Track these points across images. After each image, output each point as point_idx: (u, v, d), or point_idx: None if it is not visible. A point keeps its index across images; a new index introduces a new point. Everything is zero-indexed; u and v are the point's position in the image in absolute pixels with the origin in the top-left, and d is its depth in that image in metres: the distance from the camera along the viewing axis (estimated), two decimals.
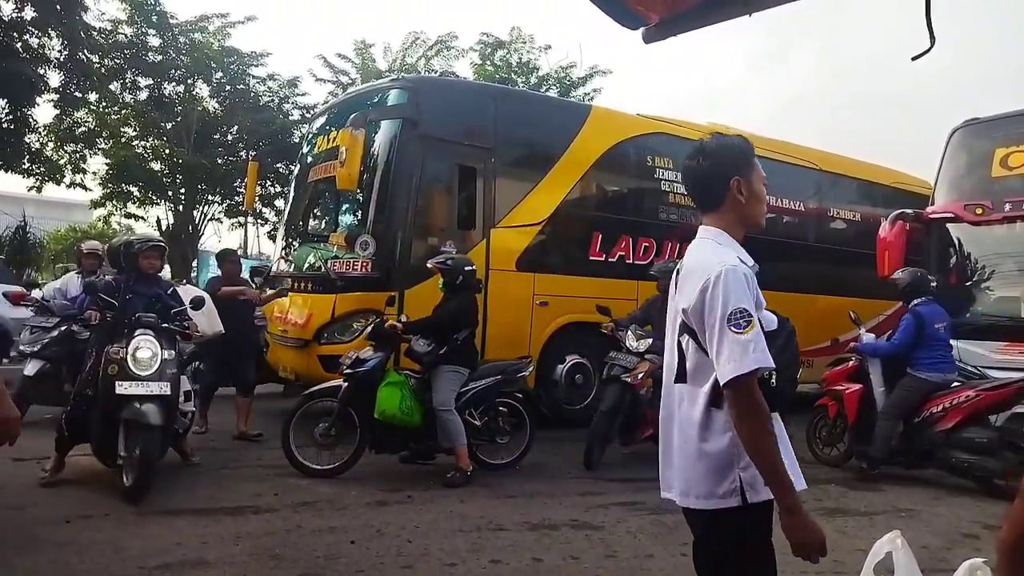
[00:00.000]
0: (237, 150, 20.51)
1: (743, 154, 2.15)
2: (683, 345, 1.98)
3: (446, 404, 5.67)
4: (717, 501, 1.88)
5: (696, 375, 1.92)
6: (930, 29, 1.94)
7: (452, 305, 5.93)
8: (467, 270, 5.99)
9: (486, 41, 20.62)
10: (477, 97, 8.74)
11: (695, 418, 1.91)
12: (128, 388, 4.79)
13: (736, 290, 1.85)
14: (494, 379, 6.05)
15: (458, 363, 5.82)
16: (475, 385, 5.96)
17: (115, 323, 5.14)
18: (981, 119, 8.12)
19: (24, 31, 14.39)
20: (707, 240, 2.08)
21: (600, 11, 2.26)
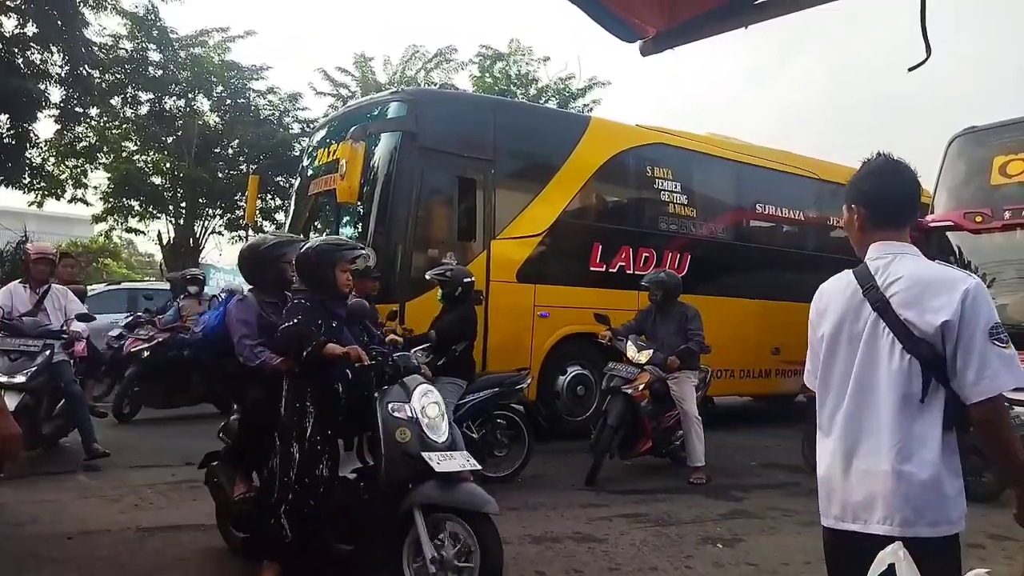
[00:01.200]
0: (238, 164, 20.55)
1: None
2: (898, 363, 1.81)
3: None
4: (948, 527, 1.78)
5: (927, 395, 1.78)
6: (926, 40, 1.96)
7: (452, 317, 5.93)
8: (466, 282, 5.99)
9: (485, 53, 20.72)
10: (476, 109, 8.77)
11: (928, 441, 1.77)
12: (439, 463, 3.39)
13: (991, 304, 1.79)
14: (492, 391, 6.01)
15: (456, 375, 5.80)
16: (472, 398, 5.92)
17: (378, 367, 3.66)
18: (979, 127, 8.13)
19: (26, 47, 14.46)
20: (915, 256, 1.94)
21: (597, 25, 2.27)
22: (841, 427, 1.90)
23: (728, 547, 4.67)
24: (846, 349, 1.92)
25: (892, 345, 1.83)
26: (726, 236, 9.67)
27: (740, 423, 10.32)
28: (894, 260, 1.92)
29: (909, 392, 1.79)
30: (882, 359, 1.84)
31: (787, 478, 6.88)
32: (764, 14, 2.15)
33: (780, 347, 9.53)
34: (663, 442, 6.67)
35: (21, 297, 6.06)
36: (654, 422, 6.50)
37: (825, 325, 1.99)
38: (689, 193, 9.22)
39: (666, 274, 6.99)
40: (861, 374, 1.87)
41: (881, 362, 1.84)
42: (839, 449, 1.89)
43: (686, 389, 6.44)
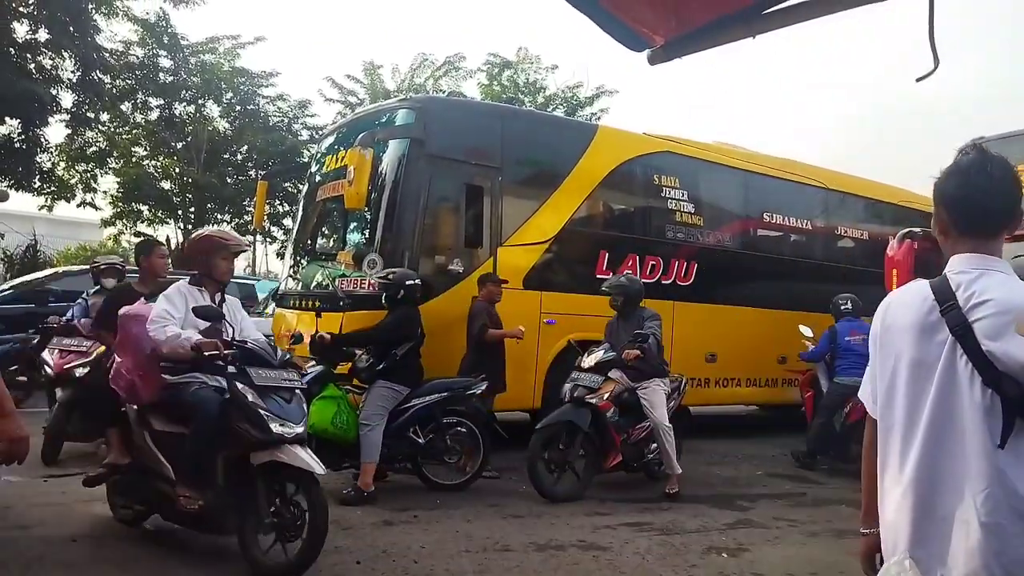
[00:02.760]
0: (246, 169, 20.69)
1: None
2: (980, 398, 1.55)
3: (368, 420, 5.59)
4: None
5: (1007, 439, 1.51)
6: (934, 51, 1.95)
7: (390, 319, 5.92)
8: (408, 284, 5.98)
9: (493, 61, 20.83)
10: (484, 117, 8.79)
11: (1021, 488, 1.50)
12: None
13: None
14: (440, 396, 5.95)
15: (395, 380, 5.75)
16: (419, 402, 5.87)
17: None
18: (988, 138, 8.10)
19: (38, 52, 14.59)
20: (1006, 274, 1.64)
21: (605, 34, 2.27)
22: (915, 468, 1.63)
23: (733, 557, 4.65)
24: (915, 375, 1.65)
25: (972, 377, 1.56)
26: (733, 245, 9.65)
27: (746, 432, 10.28)
28: (980, 276, 1.62)
29: (997, 432, 1.53)
30: (962, 392, 1.58)
31: (793, 488, 6.85)
32: (773, 23, 2.15)
33: (787, 356, 9.50)
34: (635, 455, 6.35)
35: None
36: (623, 434, 6.17)
37: (891, 344, 1.72)
38: (696, 201, 9.21)
39: (627, 278, 6.76)
40: (937, 407, 1.61)
41: (961, 396, 1.58)
42: (912, 493, 1.63)
43: (655, 397, 6.10)
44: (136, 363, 4.15)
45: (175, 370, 4.13)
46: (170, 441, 4.13)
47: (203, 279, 4.45)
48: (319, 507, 3.83)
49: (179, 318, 4.18)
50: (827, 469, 7.67)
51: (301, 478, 3.90)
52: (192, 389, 4.10)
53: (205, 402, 4.02)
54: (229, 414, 3.94)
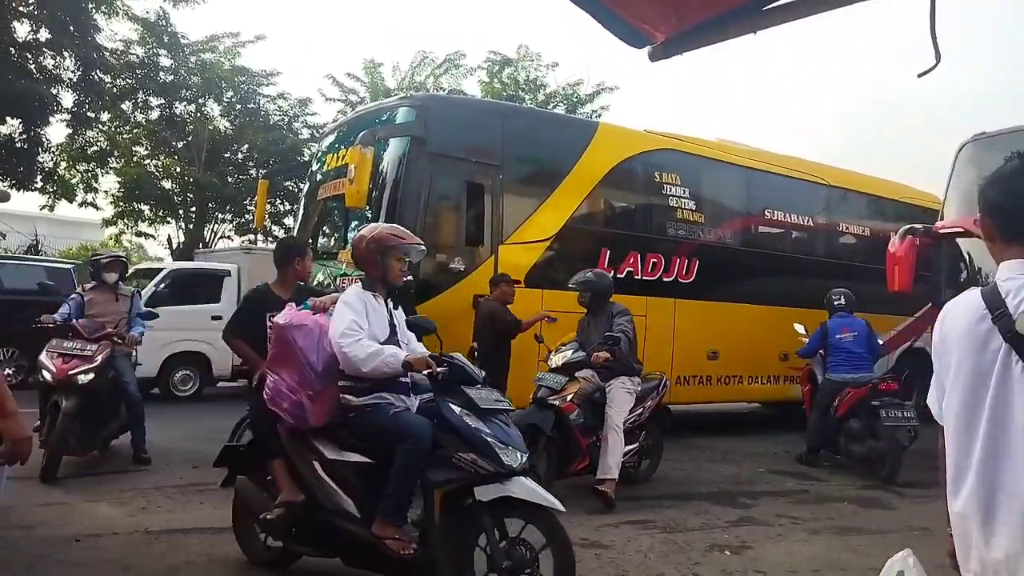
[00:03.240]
0: (247, 168, 20.67)
1: None
2: None
3: None
4: None
5: None
6: (935, 46, 1.94)
7: None
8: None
9: (494, 59, 20.79)
10: (485, 115, 8.78)
11: None
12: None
13: None
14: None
15: None
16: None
17: None
18: (990, 133, 8.09)
19: (39, 52, 14.59)
20: None
21: (606, 30, 2.27)
22: (977, 473, 1.64)
23: (736, 554, 4.64)
24: (972, 383, 1.66)
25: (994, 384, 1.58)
26: (734, 242, 9.65)
27: (748, 429, 10.28)
28: None
29: None
30: (1017, 399, 1.58)
31: (796, 485, 6.84)
32: (774, 19, 2.14)
33: (788, 353, 9.49)
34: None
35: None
36: (591, 437, 5.83)
37: (948, 354, 1.72)
38: (697, 199, 9.20)
39: (594, 273, 6.43)
40: (995, 414, 1.61)
41: (1016, 402, 1.58)
42: (976, 498, 1.65)
43: (616, 395, 5.80)
44: (303, 381, 3.60)
45: (354, 389, 3.57)
46: (345, 472, 3.58)
47: (376, 282, 3.84)
48: (563, 543, 3.33)
49: (367, 330, 3.60)
50: (829, 466, 7.68)
51: (534, 514, 3.37)
52: (391, 413, 3.52)
53: (416, 428, 3.44)
54: (443, 442, 3.41)
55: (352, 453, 3.57)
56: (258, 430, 4.07)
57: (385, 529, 3.39)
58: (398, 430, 3.46)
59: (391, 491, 3.40)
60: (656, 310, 8.50)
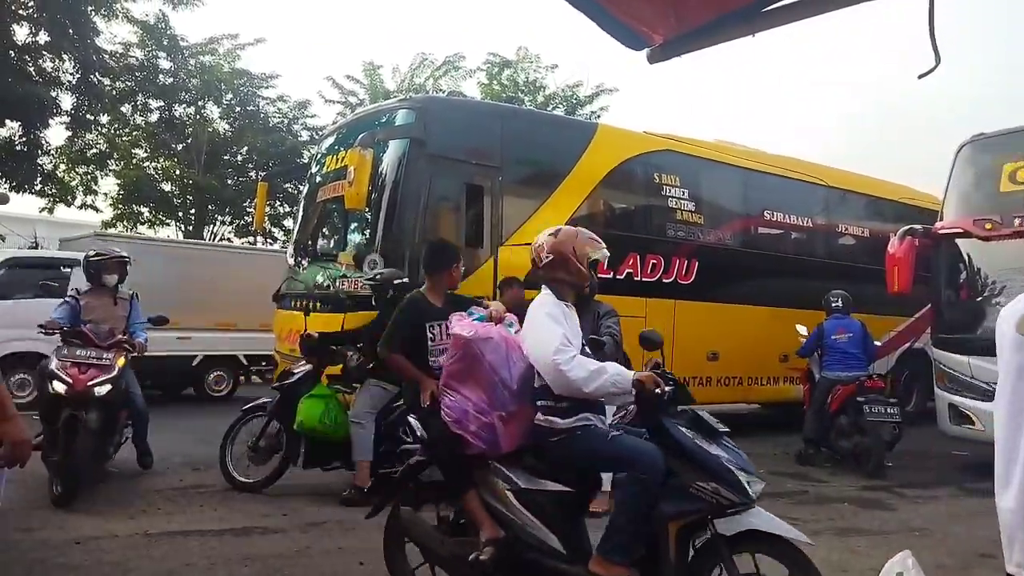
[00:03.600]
0: (247, 171, 20.67)
1: None
2: None
3: (358, 417, 5.57)
4: None
5: None
6: (935, 47, 1.94)
7: (381, 319, 5.85)
8: (397, 283, 5.95)
9: (493, 61, 20.81)
10: (484, 116, 8.79)
11: None
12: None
13: None
14: None
15: (385, 378, 5.68)
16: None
17: None
18: (989, 134, 8.10)
19: (38, 55, 14.59)
20: None
21: (605, 32, 2.27)
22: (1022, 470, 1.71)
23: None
24: (1018, 381, 1.74)
25: None
26: (734, 243, 9.65)
27: (747, 431, 10.27)
28: None
29: None
30: None
31: (795, 486, 6.85)
32: (772, 21, 2.14)
33: (788, 354, 9.50)
34: None
35: None
36: None
37: (1000, 353, 1.81)
38: (697, 200, 9.21)
39: None
40: None
41: None
42: (1020, 495, 1.71)
43: None
44: (494, 401, 3.23)
45: (557, 410, 3.17)
46: (542, 503, 3.21)
47: (566, 290, 3.47)
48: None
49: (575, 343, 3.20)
50: (829, 467, 7.68)
51: (776, 547, 3.05)
52: (610, 437, 3.15)
53: (647, 455, 3.05)
54: (674, 469, 3.05)
55: (547, 481, 3.21)
56: (446, 459, 3.44)
57: (609, 568, 3.02)
58: (626, 457, 3.08)
59: (618, 526, 3.06)
60: (656, 311, 8.50)
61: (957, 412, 7.62)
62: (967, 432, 7.60)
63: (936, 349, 8.00)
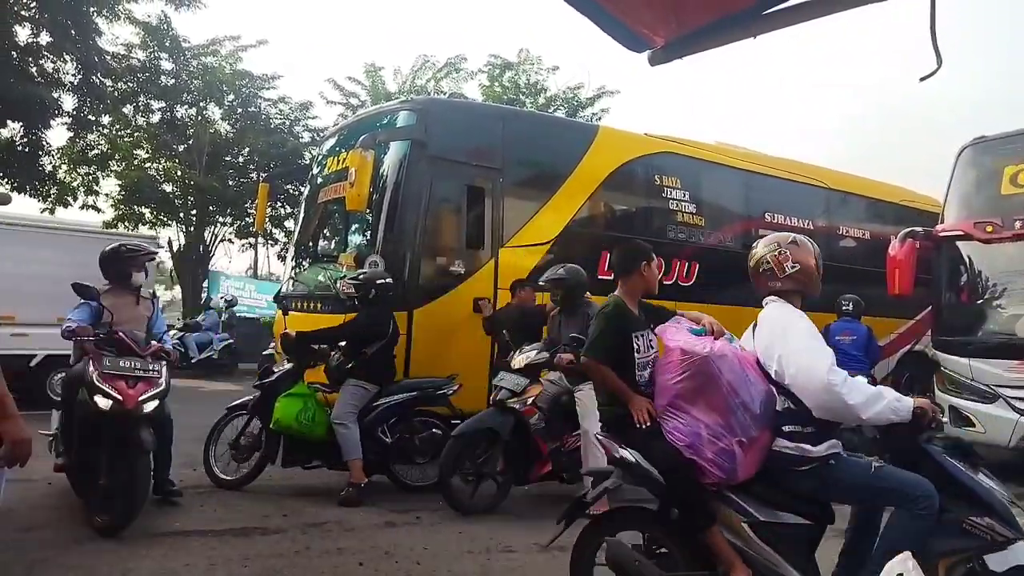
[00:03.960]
0: (248, 172, 20.71)
1: None
2: None
3: (340, 418, 5.62)
4: None
5: None
6: (936, 51, 1.95)
7: (359, 317, 5.95)
8: (379, 283, 6.03)
9: (494, 63, 20.84)
10: (485, 118, 8.79)
11: None
12: None
13: None
14: (408, 395, 5.94)
15: (365, 378, 5.75)
16: (386, 401, 5.85)
17: None
18: (990, 137, 8.11)
19: (40, 55, 14.61)
20: None
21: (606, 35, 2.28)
22: None
23: None
24: None
25: None
26: (735, 245, 9.64)
27: None
28: None
29: None
30: None
31: None
32: (773, 24, 2.15)
33: None
34: (567, 466, 5.64)
35: None
36: (555, 442, 5.60)
37: None
38: (697, 202, 9.21)
39: (566, 270, 6.04)
40: None
41: None
42: None
43: (588, 402, 5.10)
44: (733, 425, 2.96)
45: (808, 436, 2.98)
46: (783, 536, 2.99)
47: (794, 299, 3.35)
48: None
49: None
50: None
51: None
52: (873, 468, 2.94)
53: (923, 487, 2.84)
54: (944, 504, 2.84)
55: (786, 513, 2.99)
56: (686, 488, 3.07)
57: None
58: (898, 490, 2.87)
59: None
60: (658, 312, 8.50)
61: (958, 414, 7.61)
62: (967, 434, 7.60)
63: (937, 351, 7.99)
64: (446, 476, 5.41)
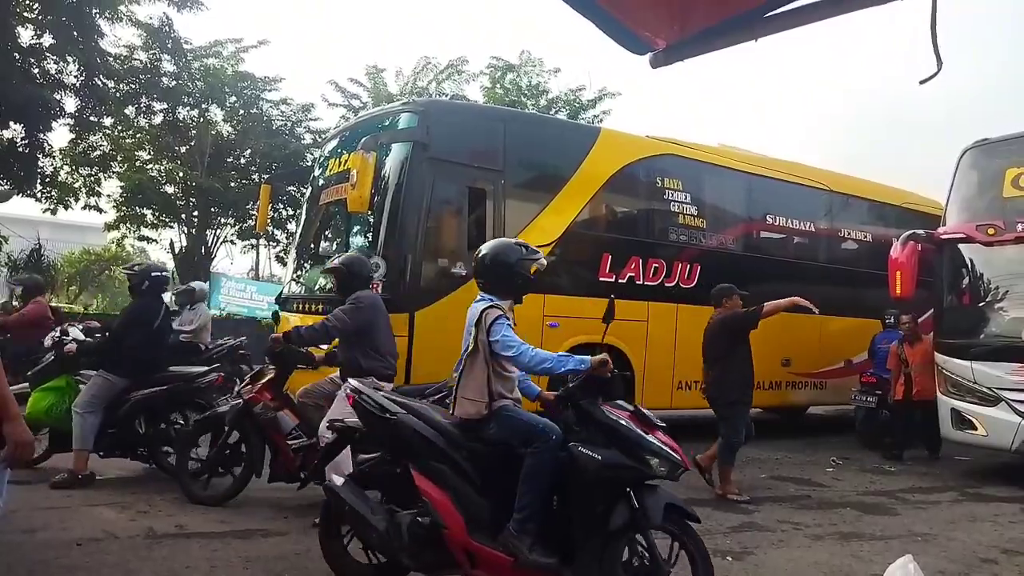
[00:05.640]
0: (250, 173, 20.72)
1: None
2: None
3: (80, 407, 5.62)
4: None
5: None
6: (936, 53, 1.95)
7: (126, 309, 6.00)
8: (154, 275, 6.01)
9: (496, 65, 20.85)
10: (487, 120, 8.80)
11: None
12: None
13: None
14: (159, 388, 5.88)
15: (112, 370, 5.73)
16: (138, 394, 5.81)
17: None
18: (991, 139, 8.10)
19: (42, 57, 14.64)
20: None
21: (608, 37, 2.28)
22: None
23: (738, 560, 4.63)
24: None
25: None
26: (736, 247, 9.64)
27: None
28: None
29: None
30: None
31: (798, 491, 6.84)
32: (775, 27, 2.15)
33: (790, 359, 9.49)
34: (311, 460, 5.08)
35: None
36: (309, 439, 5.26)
37: None
38: (699, 204, 9.21)
39: (342, 261, 5.52)
40: None
41: None
42: None
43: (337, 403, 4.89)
44: None
45: None
46: None
47: None
48: None
49: None
50: (831, 471, 7.67)
51: None
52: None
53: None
54: None
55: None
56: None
57: None
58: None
59: None
60: (658, 315, 8.50)
61: (960, 417, 7.61)
62: (969, 437, 7.60)
63: (938, 354, 7.98)
64: (180, 465, 5.52)
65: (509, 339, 3.55)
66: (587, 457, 3.36)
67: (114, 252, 27.81)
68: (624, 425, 3.44)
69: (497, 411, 3.56)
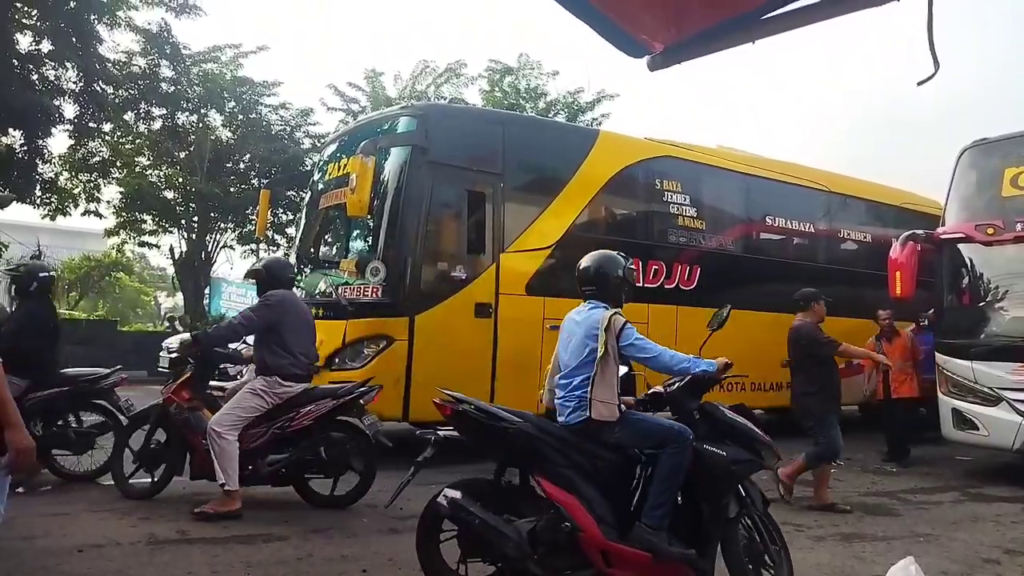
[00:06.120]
0: (249, 178, 20.73)
1: None
2: None
3: None
4: None
5: None
6: (933, 55, 1.95)
7: (17, 312, 5.87)
8: (41, 276, 5.93)
9: (494, 68, 20.87)
10: (486, 123, 8.82)
11: None
12: None
13: None
14: (59, 390, 5.84)
15: (13, 372, 5.36)
16: (36, 396, 5.72)
17: None
18: (990, 139, 8.10)
19: (41, 63, 14.65)
20: None
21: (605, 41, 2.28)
22: None
23: None
24: None
25: None
26: (736, 248, 9.65)
27: None
28: None
29: None
30: None
31: (799, 492, 6.82)
32: (771, 29, 2.15)
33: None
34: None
35: None
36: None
37: None
38: (698, 206, 9.21)
39: (263, 262, 5.81)
40: None
41: None
42: None
43: (235, 396, 5.25)
44: None
45: None
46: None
47: None
48: None
49: None
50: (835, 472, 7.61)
51: None
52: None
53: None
54: None
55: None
56: None
57: None
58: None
59: None
60: (658, 317, 8.49)
61: (961, 417, 7.60)
62: (971, 437, 7.59)
63: (939, 354, 7.98)
64: (113, 463, 5.58)
65: (643, 342, 3.73)
66: (714, 454, 3.64)
67: (114, 258, 27.83)
68: (741, 422, 3.82)
69: (624, 415, 3.73)
